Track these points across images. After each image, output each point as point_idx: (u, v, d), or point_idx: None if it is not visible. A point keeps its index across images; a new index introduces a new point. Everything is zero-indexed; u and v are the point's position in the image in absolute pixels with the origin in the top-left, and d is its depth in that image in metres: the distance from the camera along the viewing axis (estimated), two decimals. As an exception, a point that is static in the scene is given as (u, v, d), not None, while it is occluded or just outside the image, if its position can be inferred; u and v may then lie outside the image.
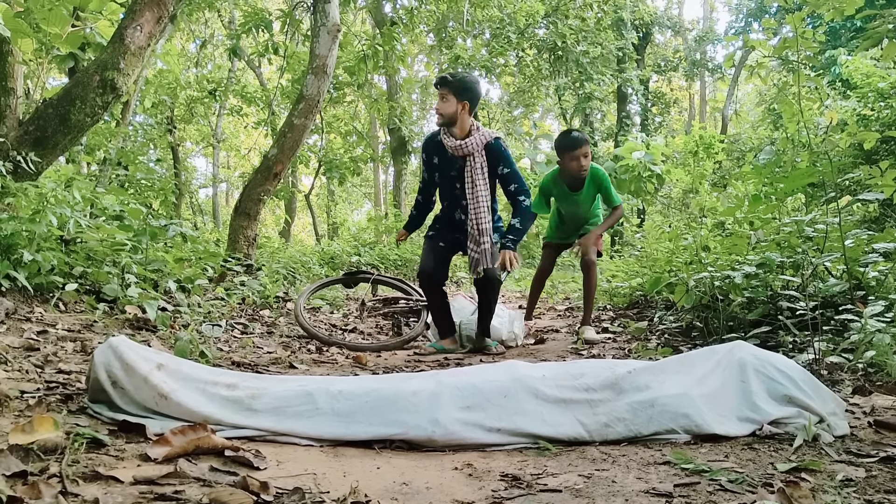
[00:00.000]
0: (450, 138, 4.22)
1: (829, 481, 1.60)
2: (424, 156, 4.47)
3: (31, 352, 2.72)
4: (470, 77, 4.32)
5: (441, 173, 4.38)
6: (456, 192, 4.35)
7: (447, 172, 4.33)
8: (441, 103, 4.17)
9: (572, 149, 4.59)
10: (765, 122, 17.80)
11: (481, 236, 4.19)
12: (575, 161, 4.57)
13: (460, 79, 4.21)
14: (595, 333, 4.59)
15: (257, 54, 9.70)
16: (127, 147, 9.28)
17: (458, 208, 4.39)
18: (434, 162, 4.38)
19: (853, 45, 12.42)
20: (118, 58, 4.24)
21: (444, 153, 4.29)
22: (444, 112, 4.17)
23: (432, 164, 4.40)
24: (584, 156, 4.56)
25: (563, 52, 16.21)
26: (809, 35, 3.74)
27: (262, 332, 4.58)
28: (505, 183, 4.30)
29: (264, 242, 12.00)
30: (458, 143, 4.18)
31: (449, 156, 4.27)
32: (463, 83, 4.18)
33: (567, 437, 2.00)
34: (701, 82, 29.01)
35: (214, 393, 2.03)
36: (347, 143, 18.88)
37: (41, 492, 1.34)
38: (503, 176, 4.28)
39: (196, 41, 17.84)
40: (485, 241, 4.19)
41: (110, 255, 4.27)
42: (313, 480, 1.63)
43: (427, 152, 4.42)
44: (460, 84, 4.16)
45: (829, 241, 3.68)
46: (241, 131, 24.24)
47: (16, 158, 4.02)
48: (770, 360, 2.17)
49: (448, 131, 4.24)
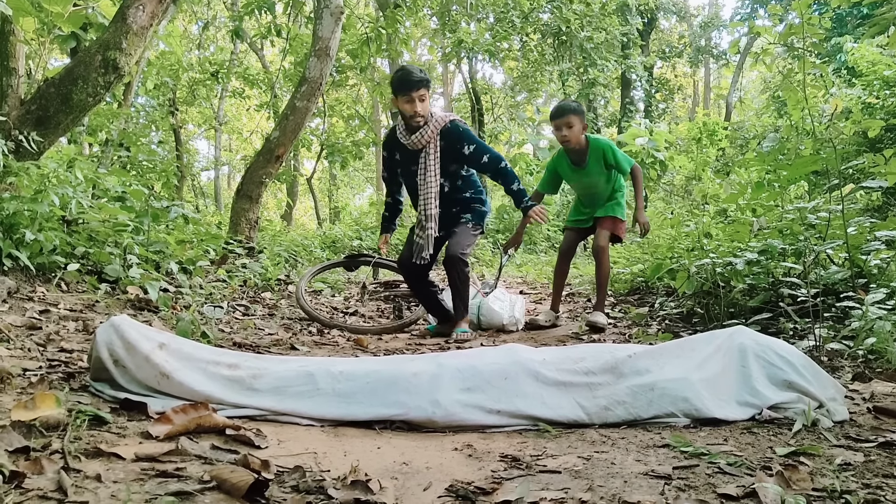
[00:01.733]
0: (406, 134, 4.14)
1: (828, 465, 1.60)
2: (386, 154, 4.38)
3: (33, 330, 2.73)
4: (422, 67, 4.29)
5: (403, 169, 4.31)
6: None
7: (408, 167, 4.26)
8: (422, 105, 4.04)
9: (554, 117, 4.47)
10: (769, 110, 17.76)
11: (427, 221, 4.16)
12: (558, 131, 4.44)
13: (427, 73, 4.14)
14: (604, 319, 4.42)
15: (260, 36, 9.66)
16: (129, 129, 9.25)
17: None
18: (396, 158, 4.30)
19: (859, 33, 12.35)
20: (120, 37, 4.23)
21: (404, 149, 4.21)
22: (426, 111, 4.08)
23: (394, 160, 4.32)
24: (566, 125, 4.38)
25: (567, 37, 16.10)
26: (815, 22, 3.72)
27: (263, 314, 4.59)
28: (477, 159, 4.19)
29: (266, 226, 12.02)
30: (415, 138, 4.09)
31: (410, 151, 4.19)
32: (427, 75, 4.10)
33: (567, 420, 2.01)
34: (705, 69, 28.91)
35: (216, 372, 2.03)
36: (350, 127, 18.82)
37: (43, 467, 1.35)
38: (472, 154, 4.18)
39: (198, 23, 17.76)
40: (430, 226, 4.16)
41: (112, 235, 4.28)
42: (314, 459, 1.64)
43: (388, 149, 4.34)
44: (428, 77, 4.10)
45: (832, 229, 3.68)
46: (243, 114, 24.21)
47: (18, 138, 4.01)
48: (770, 345, 2.17)
49: (406, 127, 4.14)
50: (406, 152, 4.22)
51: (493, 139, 19.66)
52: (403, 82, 4.01)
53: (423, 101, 4.04)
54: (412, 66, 4.20)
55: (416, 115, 4.04)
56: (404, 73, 4.04)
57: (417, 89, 4.00)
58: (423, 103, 4.04)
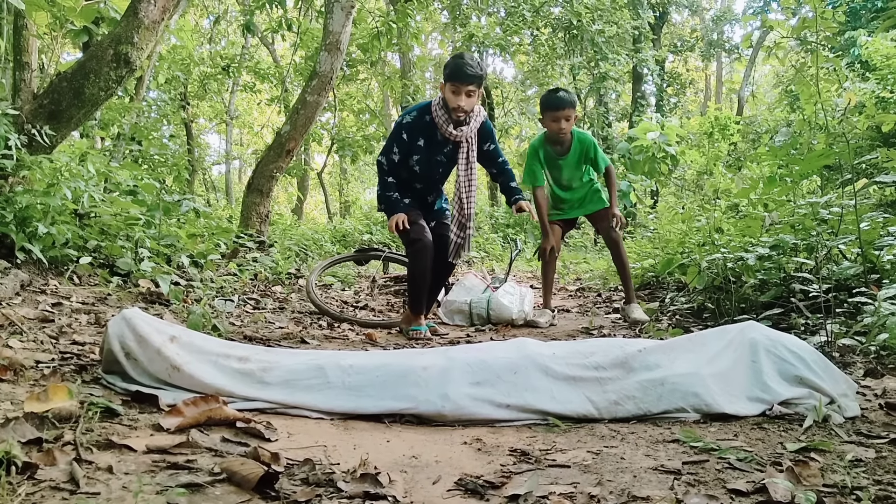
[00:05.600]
0: (450, 124, 3.90)
1: (839, 461, 1.59)
2: (406, 136, 3.97)
3: (45, 323, 2.75)
4: (482, 62, 4.09)
5: (424, 156, 4.03)
6: (437, 177, 4.16)
7: (432, 156, 4.03)
8: (468, 100, 3.81)
9: (555, 108, 4.34)
10: (781, 104, 17.63)
11: (468, 221, 4.05)
12: (556, 122, 4.34)
13: (485, 69, 3.95)
14: (642, 313, 4.35)
15: (271, 30, 9.65)
16: (141, 123, 9.30)
17: (434, 192, 4.23)
18: (418, 144, 3.98)
19: (873, 26, 12.23)
20: (132, 32, 4.24)
21: (433, 136, 3.96)
22: (471, 108, 3.86)
23: (415, 146, 3.99)
24: (565, 118, 4.32)
25: (578, 30, 16.03)
26: (829, 15, 3.69)
27: (273, 307, 4.60)
28: (494, 157, 4.17)
29: (277, 220, 12.05)
30: (461, 131, 3.92)
31: (438, 139, 3.97)
32: (486, 73, 3.90)
33: (576, 415, 2.01)
34: (717, 63, 28.72)
35: (226, 365, 2.04)
36: (360, 121, 18.83)
37: (56, 458, 1.36)
38: (489, 151, 4.15)
39: (210, 17, 17.76)
40: (471, 225, 4.06)
41: (124, 229, 4.30)
42: (324, 452, 1.65)
43: (411, 132, 3.96)
44: (485, 74, 3.90)
45: (844, 224, 3.65)
46: (254, 108, 24.24)
47: (30, 132, 4.03)
48: (782, 340, 2.16)
49: (448, 116, 3.89)
50: (435, 141, 3.98)
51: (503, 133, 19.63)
52: (455, 72, 3.77)
53: (470, 97, 3.81)
54: (471, 55, 3.93)
55: (460, 108, 3.81)
56: (459, 63, 3.78)
57: (468, 83, 3.77)
58: (471, 99, 3.82)
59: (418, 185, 4.16)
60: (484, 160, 4.21)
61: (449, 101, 3.83)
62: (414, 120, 3.97)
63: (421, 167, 4.07)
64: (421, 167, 4.07)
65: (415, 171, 4.09)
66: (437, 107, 3.92)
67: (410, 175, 4.10)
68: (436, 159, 4.05)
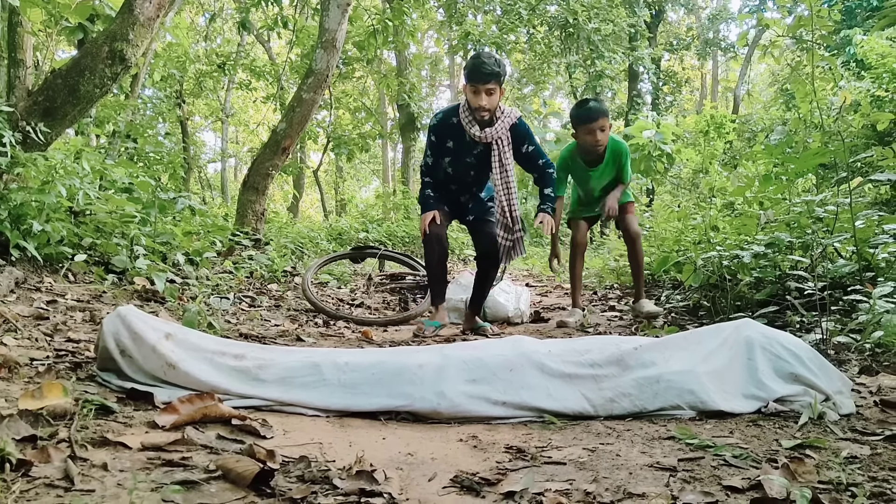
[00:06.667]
0: (474, 125, 3.88)
1: (834, 458, 1.60)
2: (435, 138, 4.03)
3: (40, 320, 2.74)
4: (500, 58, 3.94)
5: (455, 158, 4.03)
6: (469, 179, 4.12)
7: (462, 158, 4.02)
8: (489, 98, 3.79)
9: (588, 121, 4.23)
10: (777, 103, 17.67)
11: (515, 224, 3.96)
12: (591, 135, 4.23)
13: (503, 65, 3.85)
14: (654, 306, 4.30)
15: (267, 28, 9.66)
16: (136, 120, 9.28)
17: (468, 193, 4.20)
18: (448, 146, 4.01)
19: (869, 25, 12.26)
20: (127, 29, 4.23)
21: (461, 137, 3.96)
22: (493, 106, 3.83)
23: (445, 148, 4.02)
24: (600, 129, 4.21)
25: (574, 29, 16.04)
26: (824, 14, 3.69)
27: (269, 305, 4.60)
28: (533, 160, 4.04)
29: (272, 217, 12.04)
30: (486, 132, 3.87)
31: (467, 141, 3.95)
32: (504, 69, 3.84)
33: (572, 412, 2.01)
34: (713, 61, 28.72)
35: (222, 363, 2.04)
36: (356, 119, 18.82)
37: (50, 456, 1.35)
38: (528, 153, 4.02)
39: (205, 15, 17.73)
40: (517, 228, 3.97)
41: (119, 227, 4.29)
42: (319, 450, 1.65)
43: (439, 135, 4.01)
44: (503, 71, 3.83)
45: (840, 223, 3.66)
46: (249, 106, 24.20)
47: (25, 129, 4.02)
48: (777, 338, 2.16)
49: (472, 117, 3.89)
50: (464, 142, 3.97)
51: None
52: (473, 72, 3.77)
53: (490, 95, 3.78)
54: (488, 54, 3.89)
55: (482, 108, 3.79)
56: (476, 63, 3.77)
57: (486, 82, 3.75)
58: (491, 97, 3.79)
59: (453, 187, 4.18)
60: (523, 162, 4.09)
61: (471, 102, 3.84)
62: (440, 122, 4.01)
63: (453, 169, 4.09)
64: (453, 169, 4.09)
65: (448, 173, 4.12)
66: (463, 109, 3.94)
67: (445, 177, 4.14)
68: (465, 161, 4.04)
